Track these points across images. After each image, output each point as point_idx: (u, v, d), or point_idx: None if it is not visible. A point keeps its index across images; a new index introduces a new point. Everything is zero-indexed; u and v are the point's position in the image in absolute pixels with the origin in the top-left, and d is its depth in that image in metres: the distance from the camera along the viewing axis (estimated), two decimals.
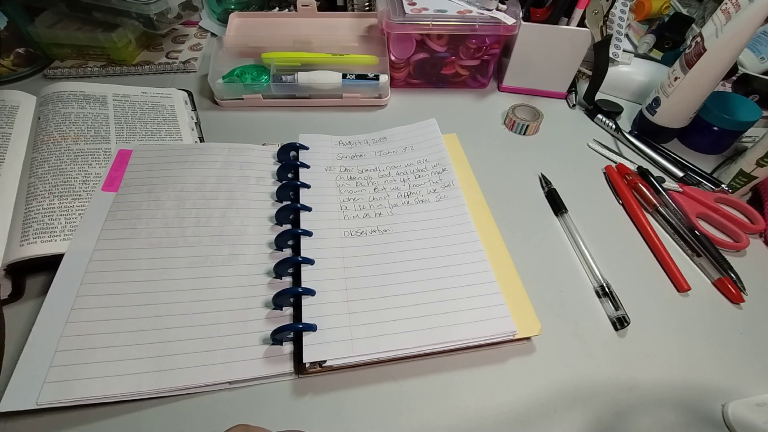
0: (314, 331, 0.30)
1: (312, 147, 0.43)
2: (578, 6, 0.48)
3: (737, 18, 0.39)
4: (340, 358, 0.29)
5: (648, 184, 0.44)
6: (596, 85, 0.53)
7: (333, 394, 0.29)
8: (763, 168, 0.42)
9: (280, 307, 0.32)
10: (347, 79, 0.50)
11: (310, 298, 0.32)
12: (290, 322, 0.32)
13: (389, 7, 0.50)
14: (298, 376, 0.30)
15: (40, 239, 0.33)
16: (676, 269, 0.37)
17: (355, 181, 0.41)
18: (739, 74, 0.58)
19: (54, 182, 0.36)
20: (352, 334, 0.30)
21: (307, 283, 0.32)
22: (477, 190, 0.42)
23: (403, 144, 0.45)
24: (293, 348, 0.30)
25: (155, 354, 0.29)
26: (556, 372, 0.31)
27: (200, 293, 0.32)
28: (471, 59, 0.54)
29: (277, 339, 0.30)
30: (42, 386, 0.26)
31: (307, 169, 0.41)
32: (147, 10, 0.50)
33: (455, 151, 0.46)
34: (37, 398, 0.26)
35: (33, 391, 0.26)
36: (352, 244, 0.36)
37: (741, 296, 0.36)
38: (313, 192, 0.39)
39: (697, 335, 0.34)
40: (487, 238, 0.37)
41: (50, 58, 0.55)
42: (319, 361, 0.29)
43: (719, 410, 0.30)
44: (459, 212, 0.38)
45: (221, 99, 0.51)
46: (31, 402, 0.26)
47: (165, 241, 0.35)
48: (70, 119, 0.42)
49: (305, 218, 0.37)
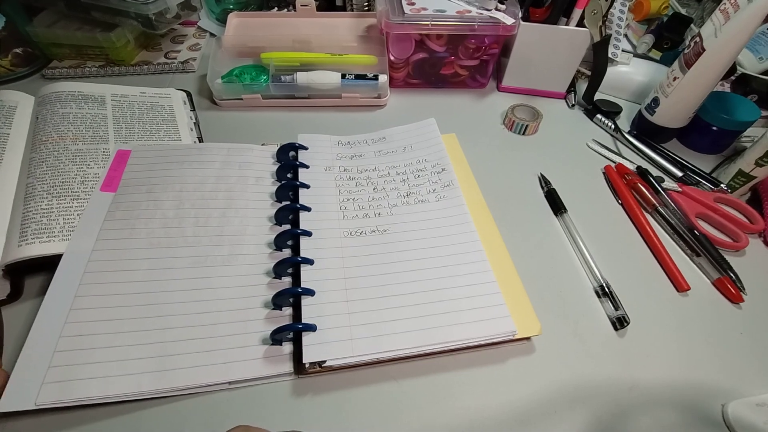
0: (314, 332, 0.30)
1: (311, 147, 0.43)
2: (577, 6, 0.48)
3: (736, 18, 0.39)
4: (340, 359, 0.29)
5: (647, 183, 0.44)
6: (595, 85, 0.53)
7: (333, 394, 0.29)
8: (762, 168, 0.42)
9: (279, 308, 0.32)
10: (346, 79, 0.50)
11: (310, 299, 0.32)
12: (290, 322, 0.31)
13: (388, 7, 0.50)
14: (297, 377, 0.30)
15: (39, 239, 0.33)
16: (675, 269, 0.37)
17: (355, 181, 0.41)
18: (738, 74, 0.58)
19: (52, 182, 0.36)
20: (351, 334, 0.30)
21: (307, 283, 0.32)
22: (476, 189, 0.42)
23: (403, 144, 0.45)
24: (293, 348, 0.30)
25: (155, 354, 0.29)
26: (555, 372, 0.31)
27: (200, 293, 0.32)
28: (470, 59, 0.54)
29: (276, 339, 0.30)
30: (41, 387, 0.26)
31: (307, 169, 0.41)
32: (146, 10, 0.50)
33: (454, 151, 0.46)
34: (36, 399, 0.26)
35: (32, 392, 0.26)
36: (352, 244, 0.36)
37: (740, 296, 0.36)
38: (313, 192, 0.39)
39: (697, 335, 0.34)
40: (487, 238, 0.37)
41: (48, 58, 0.54)
42: (319, 361, 0.29)
43: (719, 410, 0.30)
44: (458, 212, 0.38)
45: (220, 99, 0.51)
46: (30, 402, 0.26)
47: (164, 241, 0.35)
48: (69, 119, 0.42)
49: (305, 218, 0.37)
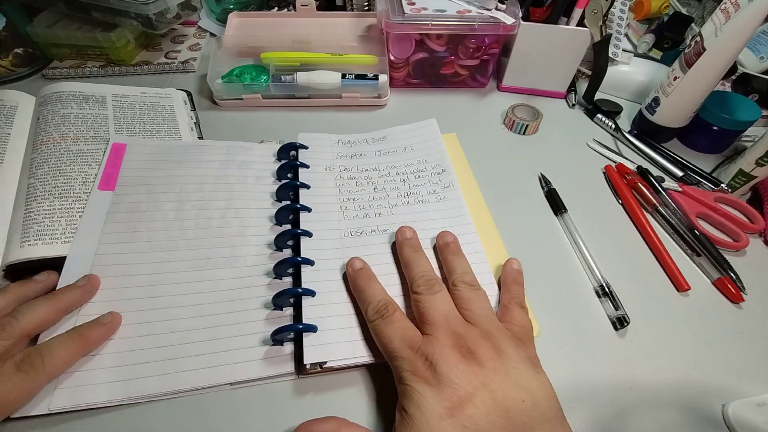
0: (315, 332, 0.30)
1: (311, 146, 0.43)
2: (577, 5, 0.48)
3: (737, 17, 0.39)
4: (341, 360, 0.29)
5: (648, 183, 0.44)
6: (596, 85, 0.53)
7: (334, 393, 0.29)
8: (762, 167, 0.42)
9: (280, 308, 0.32)
10: (346, 78, 0.50)
11: (311, 299, 0.32)
12: (291, 322, 0.31)
13: (388, 6, 0.50)
14: (298, 376, 0.30)
15: (41, 241, 0.33)
16: (675, 269, 0.37)
17: (355, 180, 0.41)
18: (739, 73, 0.58)
19: (54, 183, 0.36)
20: (352, 335, 0.30)
21: (308, 284, 0.32)
22: (476, 190, 0.42)
23: (403, 144, 0.45)
24: (294, 348, 0.30)
25: (160, 358, 0.29)
26: (556, 372, 0.31)
27: (202, 296, 0.32)
28: (470, 59, 0.54)
29: (277, 339, 0.30)
30: (54, 391, 0.27)
31: (307, 169, 0.41)
32: (146, 10, 0.50)
33: (455, 151, 0.46)
34: (50, 404, 0.26)
35: (45, 397, 0.27)
36: (353, 245, 0.36)
37: (741, 296, 0.36)
38: (313, 192, 0.39)
39: (697, 335, 0.34)
40: (486, 240, 0.37)
41: (49, 58, 0.55)
42: (320, 362, 0.29)
43: (719, 410, 0.30)
44: (459, 213, 0.38)
45: (220, 99, 0.51)
46: (44, 407, 0.26)
47: (166, 244, 0.35)
48: (70, 120, 0.42)
49: (305, 218, 0.37)
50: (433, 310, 0.28)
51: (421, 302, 0.29)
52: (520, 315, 0.30)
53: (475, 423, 0.23)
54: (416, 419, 0.23)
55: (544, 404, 0.25)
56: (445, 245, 0.34)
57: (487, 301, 0.30)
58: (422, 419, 0.23)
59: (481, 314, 0.28)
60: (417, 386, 0.24)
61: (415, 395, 0.24)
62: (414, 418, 0.23)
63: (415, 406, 0.24)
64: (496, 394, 0.24)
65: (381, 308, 0.29)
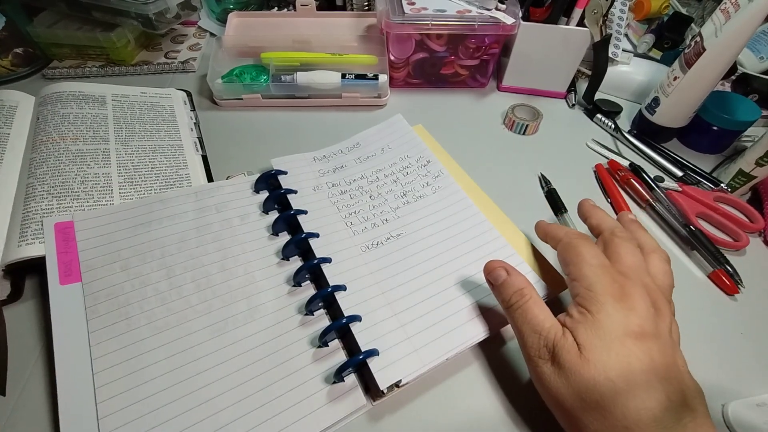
0: (377, 356, 0.28)
1: (290, 170, 0.40)
2: (577, 5, 0.48)
3: (736, 17, 0.39)
4: (413, 372, 0.28)
5: (640, 179, 0.44)
6: (595, 85, 0.53)
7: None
8: (762, 167, 0.42)
9: (326, 344, 0.30)
10: (346, 78, 0.50)
11: (358, 324, 0.30)
12: (340, 354, 0.30)
13: (388, 6, 0.50)
14: (373, 404, 0.28)
15: (39, 240, 0.33)
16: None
17: (348, 194, 0.39)
18: (739, 74, 0.58)
19: (53, 183, 0.36)
20: (414, 344, 0.29)
21: (348, 310, 0.30)
22: (461, 172, 0.42)
23: (379, 145, 0.44)
24: (356, 378, 0.29)
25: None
26: None
27: (235, 362, 0.29)
28: (470, 59, 0.54)
29: (339, 376, 0.28)
30: None
31: (296, 194, 0.38)
32: (146, 10, 0.50)
33: (428, 140, 0.45)
34: None
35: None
36: (375, 257, 0.34)
37: (736, 287, 0.36)
38: (312, 216, 0.37)
39: (696, 335, 0.34)
40: (490, 215, 0.38)
41: (49, 58, 0.55)
42: (395, 382, 0.27)
43: (719, 410, 0.30)
44: (458, 198, 0.39)
45: (220, 99, 0.51)
46: None
47: (171, 320, 0.30)
48: (69, 120, 0.42)
49: (316, 245, 0.34)
50: (626, 255, 0.28)
51: (619, 245, 0.28)
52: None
53: (652, 359, 0.23)
54: (604, 324, 0.24)
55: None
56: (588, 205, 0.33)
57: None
58: (611, 326, 0.23)
59: (660, 274, 0.28)
60: (605, 299, 0.25)
61: (607, 305, 0.24)
62: (602, 323, 0.24)
63: (605, 314, 0.24)
64: (667, 347, 0.24)
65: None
